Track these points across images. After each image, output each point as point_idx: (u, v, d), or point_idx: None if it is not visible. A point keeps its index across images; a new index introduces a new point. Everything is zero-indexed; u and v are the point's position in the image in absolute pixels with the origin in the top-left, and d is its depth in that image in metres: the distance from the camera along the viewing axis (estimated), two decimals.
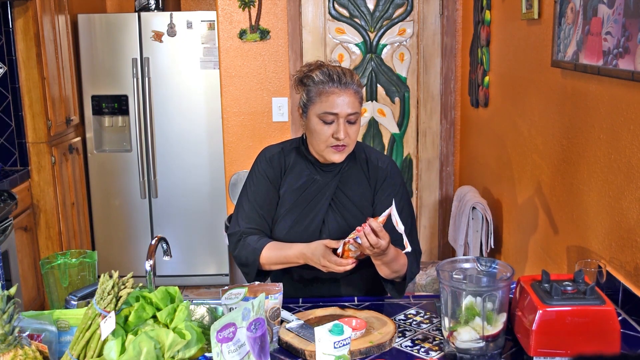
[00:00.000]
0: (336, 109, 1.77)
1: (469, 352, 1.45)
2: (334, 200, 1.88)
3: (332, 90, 1.78)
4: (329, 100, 1.77)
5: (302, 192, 1.89)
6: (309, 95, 1.82)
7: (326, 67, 1.83)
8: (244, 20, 3.70)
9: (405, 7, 3.75)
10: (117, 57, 4.19)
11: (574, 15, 2.04)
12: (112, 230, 4.38)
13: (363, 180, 1.91)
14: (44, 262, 1.70)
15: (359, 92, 1.82)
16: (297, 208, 1.88)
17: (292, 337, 1.57)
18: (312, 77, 1.82)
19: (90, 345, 1.35)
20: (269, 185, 1.91)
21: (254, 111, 3.79)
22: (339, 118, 1.78)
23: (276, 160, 1.92)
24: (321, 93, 1.79)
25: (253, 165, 1.96)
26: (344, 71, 1.81)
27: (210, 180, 4.31)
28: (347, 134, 1.79)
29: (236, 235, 1.90)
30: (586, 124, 2.01)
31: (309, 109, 1.82)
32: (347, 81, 1.79)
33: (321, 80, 1.80)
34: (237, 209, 1.94)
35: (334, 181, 1.89)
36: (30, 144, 3.59)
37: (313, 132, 1.82)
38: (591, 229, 1.96)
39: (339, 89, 1.78)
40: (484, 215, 2.99)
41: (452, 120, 3.84)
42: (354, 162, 1.92)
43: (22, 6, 3.45)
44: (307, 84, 1.83)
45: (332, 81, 1.78)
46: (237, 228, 1.90)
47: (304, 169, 1.90)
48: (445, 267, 1.53)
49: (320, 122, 1.79)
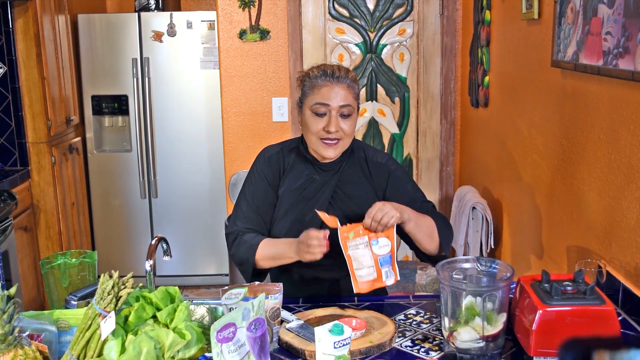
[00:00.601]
0: (327, 100, 1.79)
1: (469, 352, 1.45)
2: (334, 199, 1.89)
3: (324, 83, 1.81)
4: (320, 92, 1.80)
5: (301, 191, 1.89)
6: (303, 90, 1.86)
7: (323, 65, 1.87)
8: (244, 20, 3.70)
9: (405, 7, 3.75)
10: (117, 57, 4.19)
11: (574, 15, 2.04)
12: (112, 230, 4.38)
13: (362, 178, 1.91)
14: (44, 262, 1.70)
15: (352, 87, 1.84)
16: (296, 208, 1.88)
17: (292, 337, 1.57)
18: (309, 73, 1.86)
19: (90, 345, 1.36)
20: (267, 186, 1.91)
21: (254, 111, 3.79)
22: (330, 110, 1.79)
23: (275, 160, 1.92)
24: (314, 86, 1.82)
25: (252, 166, 1.96)
26: (339, 67, 1.85)
27: (210, 180, 4.31)
28: (339, 128, 1.80)
29: (233, 234, 1.90)
30: (586, 124, 2.01)
31: (304, 103, 1.85)
32: (340, 75, 1.82)
33: (315, 75, 1.84)
34: (235, 209, 1.95)
35: (334, 180, 1.89)
36: (30, 144, 3.59)
37: (306, 125, 1.84)
38: (591, 229, 1.96)
39: (332, 82, 1.81)
40: (484, 215, 2.99)
41: (452, 120, 3.84)
42: (353, 160, 1.92)
43: (22, 6, 3.45)
44: (304, 80, 1.88)
45: (326, 75, 1.82)
46: (234, 228, 1.91)
47: (303, 169, 1.91)
48: (445, 267, 1.53)
49: (313, 115, 1.81)
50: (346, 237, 1.66)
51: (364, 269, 1.65)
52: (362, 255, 1.65)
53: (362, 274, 1.65)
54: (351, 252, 1.66)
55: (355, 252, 1.66)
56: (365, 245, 1.66)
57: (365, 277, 1.66)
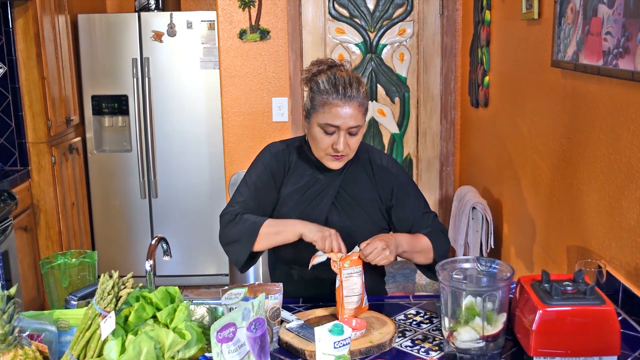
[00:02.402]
0: (338, 122, 1.74)
1: (469, 352, 1.45)
2: (337, 199, 1.88)
3: (335, 102, 1.74)
4: (331, 112, 1.74)
5: (305, 191, 1.88)
6: (312, 103, 1.79)
7: (333, 74, 1.78)
8: (244, 20, 3.70)
9: (405, 7, 3.75)
10: (117, 57, 4.19)
11: (574, 15, 2.04)
12: (112, 230, 4.38)
13: (366, 180, 1.91)
14: (44, 262, 1.70)
15: (363, 104, 1.78)
16: (299, 207, 1.88)
17: (292, 337, 1.57)
18: (318, 82, 1.78)
19: (90, 345, 1.36)
20: (271, 179, 1.89)
21: (254, 111, 3.79)
22: (340, 130, 1.75)
23: (281, 156, 1.91)
24: (325, 103, 1.75)
25: (257, 158, 1.94)
26: (351, 81, 1.76)
27: (210, 180, 4.31)
28: (347, 145, 1.77)
29: (229, 214, 1.87)
30: (586, 124, 2.01)
31: (312, 116, 1.80)
32: (351, 94, 1.74)
33: (326, 89, 1.75)
34: (234, 195, 1.92)
35: (337, 181, 1.88)
36: (30, 144, 3.59)
37: (314, 139, 1.81)
38: (591, 229, 1.96)
39: (343, 101, 1.74)
40: (484, 215, 2.99)
41: (452, 120, 3.84)
42: (357, 162, 1.91)
43: (22, 6, 3.45)
44: (313, 88, 1.80)
45: (337, 92, 1.74)
46: (231, 209, 1.88)
47: (307, 168, 1.90)
48: (445, 267, 1.53)
49: (321, 132, 1.77)
50: (342, 266, 1.66)
51: (353, 297, 1.66)
52: (354, 283, 1.66)
53: (351, 300, 1.66)
54: (345, 280, 1.66)
55: (348, 280, 1.66)
56: (358, 274, 1.67)
57: (353, 305, 1.66)
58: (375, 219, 1.90)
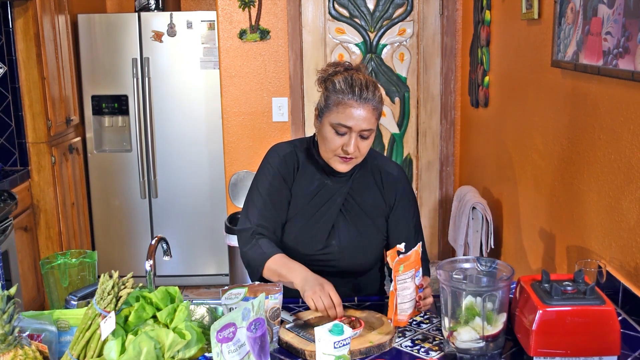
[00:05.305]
0: (350, 123, 1.72)
1: (469, 352, 1.45)
2: (345, 206, 1.86)
3: (350, 103, 1.72)
4: (345, 112, 1.72)
5: (312, 196, 1.86)
6: (326, 102, 1.77)
7: (350, 75, 1.76)
8: (244, 20, 3.70)
9: (405, 7, 3.75)
10: (117, 57, 4.19)
11: (574, 15, 2.04)
12: (112, 230, 4.38)
13: (374, 187, 1.89)
14: (44, 262, 1.70)
15: (378, 108, 1.76)
16: (307, 212, 1.85)
17: (292, 337, 1.57)
18: (334, 82, 1.76)
19: (90, 345, 1.36)
20: (282, 183, 1.86)
21: (254, 111, 3.79)
22: (351, 132, 1.73)
23: (289, 158, 1.88)
24: (339, 103, 1.73)
25: (264, 161, 1.90)
26: (367, 83, 1.74)
27: (210, 180, 4.31)
28: (357, 148, 1.75)
29: (248, 231, 1.83)
30: (586, 124, 2.01)
31: (324, 115, 1.77)
32: (367, 96, 1.72)
33: (342, 89, 1.73)
34: (248, 205, 1.88)
35: (345, 187, 1.86)
36: (30, 144, 3.59)
37: (324, 139, 1.78)
38: (591, 229, 1.96)
39: (358, 102, 1.72)
40: (484, 215, 2.99)
41: (452, 120, 3.84)
42: (365, 168, 1.89)
43: (22, 6, 3.45)
44: (328, 88, 1.78)
45: (353, 93, 1.72)
46: (248, 224, 1.84)
47: (315, 172, 1.87)
48: (445, 267, 1.53)
49: (333, 132, 1.75)
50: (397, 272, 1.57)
51: (406, 303, 1.60)
52: (407, 288, 1.59)
53: (405, 307, 1.60)
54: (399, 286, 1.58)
55: (402, 285, 1.59)
56: (411, 278, 1.60)
57: (407, 311, 1.60)
58: (381, 228, 1.89)
